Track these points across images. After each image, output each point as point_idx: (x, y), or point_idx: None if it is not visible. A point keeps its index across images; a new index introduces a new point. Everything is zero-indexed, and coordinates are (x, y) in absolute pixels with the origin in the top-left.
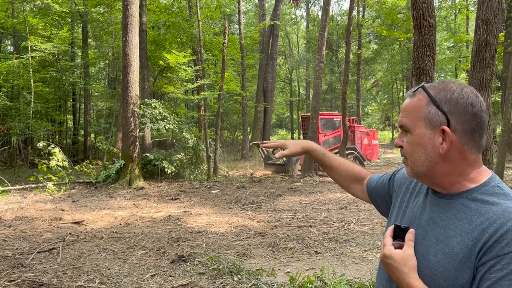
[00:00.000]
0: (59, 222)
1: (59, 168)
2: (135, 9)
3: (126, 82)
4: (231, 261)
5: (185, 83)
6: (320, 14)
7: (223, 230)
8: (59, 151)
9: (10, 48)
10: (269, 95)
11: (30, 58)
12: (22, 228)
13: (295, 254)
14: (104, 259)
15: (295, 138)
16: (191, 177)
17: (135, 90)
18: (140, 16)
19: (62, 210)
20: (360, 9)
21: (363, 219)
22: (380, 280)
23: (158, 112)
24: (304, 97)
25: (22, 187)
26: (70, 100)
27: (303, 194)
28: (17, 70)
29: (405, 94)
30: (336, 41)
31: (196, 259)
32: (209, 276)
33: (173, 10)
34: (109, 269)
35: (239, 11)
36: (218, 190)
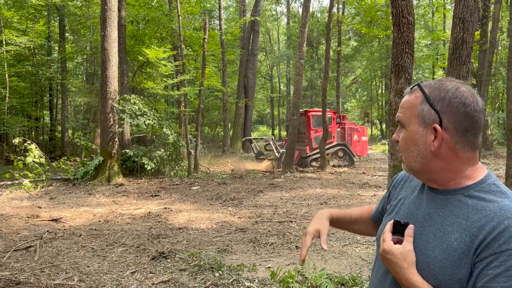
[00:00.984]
0: (36, 220)
1: (36, 164)
2: (114, 3)
3: (104, 77)
4: (212, 257)
5: (165, 79)
6: (300, 10)
7: (204, 227)
8: (36, 148)
9: None
10: (250, 91)
11: (4, 52)
12: None
13: (276, 249)
14: (83, 257)
15: (276, 135)
16: (172, 173)
17: (114, 85)
18: (119, 10)
19: (39, 208)
20: (340, 6)
21: None
22: (376, 274)
23: (137, 107)
24: (285, 93)
25: None
26: (47, 96)
27: (284, 190)
28: None
29: (384, 91)
30: (317, 38)
31: (176, 256)
32: (190, 273)
33: (152, 4)
34: (88, 266)
35: (220, 7)
36: (199, 187)
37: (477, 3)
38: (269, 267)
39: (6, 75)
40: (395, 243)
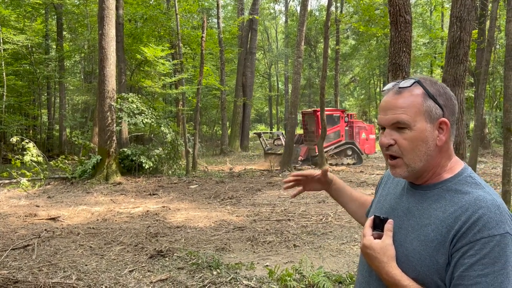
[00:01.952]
0: (34, 219)
1: (34, 163)
2: (111, 1)
3: (102, 76)
4: (210, 255)
5: (163, 77)
6: (298, 9)
7: (202, 225)
8: (33, 146)
9: None
10: (248, 90)
11: (2, 51)
12: None
13: (274, 247)
14: (81, 255)
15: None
16: (170, 172)
17: (111, 84)
18: (117, 9)
19: (37, 206)
20: (338, 4)
21: (341, 213)
22: (361, 271)
23: (135, 106)
24: (283, 92)
25: None
26: (45, 94)
27: (282, 188)
28: None
29: (381, 90)
30: (315, 36)
31: (174, 254)
32: (188, 271)
33: (150, 3)
34: (86, 265)
35: (218, 5)
36: (197, 185)
37: (474, 2)
38: (267, 266)
39: (4, 73)
40: (375, 238)
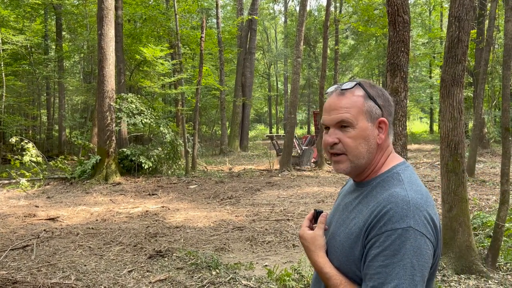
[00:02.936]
0: (33, 219)
1: (33, 163)
2: (110, 1)
3: (101, 76)
4: (209, 255)
5: (162, 77)
6: (298, 9)
7: (201, 225)
8: (33, 146)
9: None
10: (247, 90)
11: (1, 51)
12: None
13: (273, 247)
14: (80, 256)
15: (273, 133)
16: (169, 172)
17: (111, 84)
18: (116, 9)
19: (36, 207)
20: (337, 4)
21: None
22: None
23: (134, 106)
24: (283, 92)
25: None
26: (44, 94)
27: (281, 188)
28: None
29: None
30: (314, 36)
31: (174, 254)
32: (187, 271)
33: (149, 3)
34: (85, 265)
35: (217, 5)
36: (197, 185)
37: (472, 2)
38: (266, 266)
39: (3, 74)
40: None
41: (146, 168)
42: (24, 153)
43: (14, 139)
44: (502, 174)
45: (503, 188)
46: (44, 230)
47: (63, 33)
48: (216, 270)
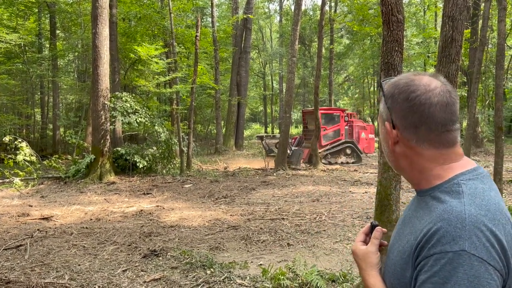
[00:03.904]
0: (26, 218)
1: (27, 163)
2: (105, 0)
3: (96, 75)
4: (204, 254)
5: (157, 76)
6: (293, 8)
7: (196, 224)
8: (27, 146)
9: None
10: (242, 89)
11: None
12: None
13: (267, 246)
14: (74, 255)
15: (269, 132)
16: (164, 171)
17: (105, 83)
18: (111, 8)
19: (30, 206)
20: (332, 4)
21: (335, 212)
22: None
23: (129, 105)
24: (278, 91)
25: None
26: (38, 93)
27: (276, 187)
28: None
29: (376, 89)
30: (309, 35)
31: (168, 254)
32: (181, 270)
33: (144, 1)
34: (79, 265)
35: (212, 4)
36: (191, 185)
37: (466, 2)
38: (260, 265)
39: None
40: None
41: (140, 167)
42: (17, 152)
43: (7, 138)
44: (495, 173)
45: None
46: (38, 230)
47: (57, 31)
48: (211, 269)
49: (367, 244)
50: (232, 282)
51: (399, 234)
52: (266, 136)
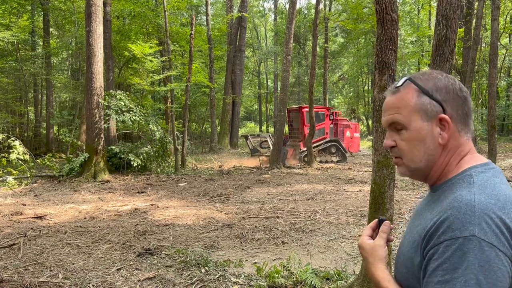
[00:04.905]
0: (20, 217)
1: (20, 161)
2: None
3: (90, 73)
4: (199, 253)
5: (151, 74)
6: (287, 7)
7: (191, 223)
8: (20, 144)
9: None
10: (237, 88)
11: None
12: None
13: (262, 245)
14: (68, 254)
15: (264, 131)
16: (158, 170)
17: (99, 81)
18: (104, 5)
19: (24, 205)
20: (327, 2)
21: (329, 210)
22: None
23: (123, 103)
24: (272, 89)
25: None
26: (31, 91)
27: (271, 185)
28: None
29: (370, 88)
30: (304, 34)
31: (163, 252)
32: (176, 269)
33: None
34: (73, 264)
35: (207, 2)
36: (186, 183)
37: (460, 1)
38: (255, 263)
39: None
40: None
41: (135, 165)
42: (11, 150)
43: (0, 137)
44: None
45: None
46: (32, 229)
47: (51, 29)
48: (206, 267)
49: (374, 239)
50: (226, 280)
51: (410, 227)
52: (251, 135)
